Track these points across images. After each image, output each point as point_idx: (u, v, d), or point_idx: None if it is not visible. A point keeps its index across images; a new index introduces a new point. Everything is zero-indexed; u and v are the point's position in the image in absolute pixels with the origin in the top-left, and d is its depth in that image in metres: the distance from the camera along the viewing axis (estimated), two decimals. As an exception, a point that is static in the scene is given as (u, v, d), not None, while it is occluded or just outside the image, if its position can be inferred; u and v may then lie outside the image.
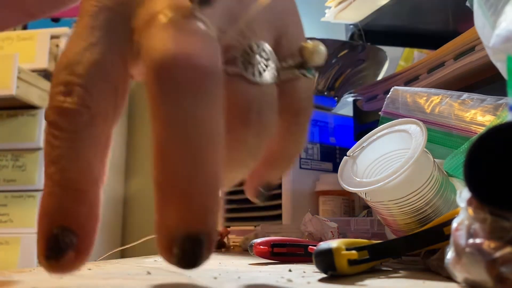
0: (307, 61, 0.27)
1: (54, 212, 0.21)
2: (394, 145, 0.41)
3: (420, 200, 0.38)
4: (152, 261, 0.45)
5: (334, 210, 0.69)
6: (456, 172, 0.38)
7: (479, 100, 0.44)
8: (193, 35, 0.21)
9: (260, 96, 0.24)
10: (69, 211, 0.21)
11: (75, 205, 0.21)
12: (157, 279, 0.28)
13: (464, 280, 0.24)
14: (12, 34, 1.31)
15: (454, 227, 0.25)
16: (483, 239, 0.22)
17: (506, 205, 0.21)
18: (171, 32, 0.21)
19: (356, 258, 0.30)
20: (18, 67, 1.15)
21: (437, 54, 0.57)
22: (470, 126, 0.43)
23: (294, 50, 0.27)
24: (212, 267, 0.38)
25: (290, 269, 0.34)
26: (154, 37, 0.21)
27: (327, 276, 0.30)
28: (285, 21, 0.27)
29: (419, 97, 0.49)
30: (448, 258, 0.25)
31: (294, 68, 0.27)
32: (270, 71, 0.25)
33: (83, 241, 0.21)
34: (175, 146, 0.20)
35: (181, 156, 0.20)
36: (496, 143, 0.22)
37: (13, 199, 1.20)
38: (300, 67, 0.27)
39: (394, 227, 0.41)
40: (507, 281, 0.21)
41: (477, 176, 0.22)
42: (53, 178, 0.21)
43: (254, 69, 0.24)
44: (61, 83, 0.22)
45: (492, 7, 0.28)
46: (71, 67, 0.22)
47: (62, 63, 0.22)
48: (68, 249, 0.20)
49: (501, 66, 0.29)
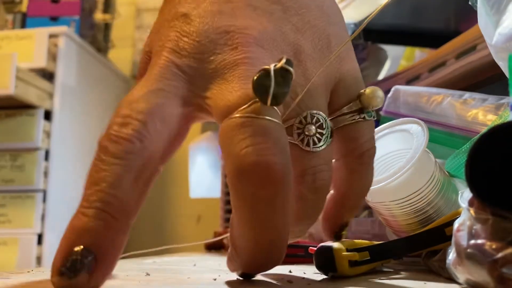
0: (366, 107, 0.29)
1: (81, 231, 0.21)
2: (395, 145, 0.41)
3: (422, 201, 0.37)
4: (151, 262, 0.45)
5: (335, 210, 0.68)
6: (457, 172, 0.38)
7: (481, 100, 0.44)
8: (268, 137, 0.23)
9: (314, 161, 0.27)
10: (95, 234, 0.21)
11: (103, 229, 0.22)
12: (156, 280, 0.28)
13: (465, 281, 0.24)
14: (10, 33, 1.31)
15: (456, 227, 0.25)
16: (484, 240, 0.22)
17: (508, 206, 0.21)
18: (248, 135, 0.23)
19: (357, 259, 0.30)
20: (16, 66, 1.14)
21: (439, 53, 0.56)
22: (471, 125, 0.43)
23: (352, 96, 0.29)
24: (212, 269, 0.37)
25: (290, 270, 0.34)
26: (232, 139, 0.23)
27: (328, 277, 0.30)
28: (342, 69, 0.29)
29: (421, 96, 0.49)
30: (450, 259, 0.25)
31: (354, 113, 0.29)
32: (324, 139, 0.27)
33: (101, 266, 0.21)
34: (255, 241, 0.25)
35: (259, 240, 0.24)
36: (498, 143, 0.22)
37: (11, 199, 1.20)
38: (360, 112, 0.29)
39: (395, 227, 0.40)
40: (509, 282, 0.21)
41: (479, 176, 0.22)
42: (90, 199, 0.22)
43: (309, 140, 0.27)
44: (120, 116, 0.24)
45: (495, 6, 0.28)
46: (133, 104, 0.24)
47: (126, 100, 0.25)
48: (83, 270, 0.21)
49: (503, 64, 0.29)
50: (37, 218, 1.19)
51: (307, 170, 0.27)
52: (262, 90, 0.23)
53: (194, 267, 0.40)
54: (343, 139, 0.29)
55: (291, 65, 0.24)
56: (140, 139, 0.23)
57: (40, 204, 1.21)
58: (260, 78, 0.23)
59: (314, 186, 0.27)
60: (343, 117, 0.29)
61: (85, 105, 1.44)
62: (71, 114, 1.35)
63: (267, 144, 0.23)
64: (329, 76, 0.28)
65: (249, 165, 0.23)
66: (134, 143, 0.23)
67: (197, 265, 0.42)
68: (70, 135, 1.35)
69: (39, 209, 1.20)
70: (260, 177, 0.23)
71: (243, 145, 0.23)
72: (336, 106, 0.29)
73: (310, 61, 0.28)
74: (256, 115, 0.24)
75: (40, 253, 1.19)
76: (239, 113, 0.24)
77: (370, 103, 0.29)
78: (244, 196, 0.23)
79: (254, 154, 0.23)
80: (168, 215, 1.57)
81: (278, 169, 0.23)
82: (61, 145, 1.30)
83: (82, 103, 1.41)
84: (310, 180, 0.27)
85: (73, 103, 1.37)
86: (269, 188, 0.23)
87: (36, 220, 1.19)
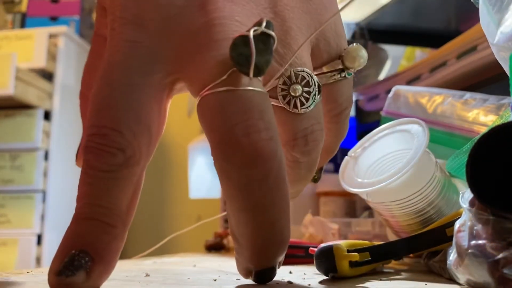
0: (349, 68, 0.27)
1: (76, 236, 0.22)
2: (395, 145, 0.41)
3: (422, 201, 0.37)
4: (151, 262, 0.45)
5: (335, 211, 0.69)
6: (458, 173, 0.38)
7: (482, 100, 0.44)
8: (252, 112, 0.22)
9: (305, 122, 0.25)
10: (91, 238, 0.21)
11: (98, 234, 0.22)
12: (156, 281, 0.28)
13: (466, 282, 0.24)
14: (10, 33, 1.31)
15: (457, 228, 0.24)
16: (485, 240, 0.22)
17: (509, 206, 0.21)
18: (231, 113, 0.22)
19: (358, 260, 0.30)
20: (16, 66, 1.14)
21: (439, 53, 0.56)
22: (472, 126, 0.43)
23: (333, 52, 0.27)
24: (212, 269, 0.37)
25: (291, 271, 0.34)
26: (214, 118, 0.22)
27: (328, 278, 0.30)
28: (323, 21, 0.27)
29: (421, 96, 0.49)
30: (451, 259, 0.25)
31: (335, 73, 0.27)
32: (312, 98, 0.25)
33: (98, 267, 0.21)
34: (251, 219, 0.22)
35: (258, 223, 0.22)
36: (498, 143, 0.22)
37: (11, 199, 1.20)
38: (341, 71, 0.27)
39: (396, 228, 0.40)
40: (510, 283, 0.21)
41: (480, 177, 0.22)
42: (81, 211, 0.22)
43: (296, 101, 0.25)
44: (95, 125, 0.22)
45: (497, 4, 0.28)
46: (104, 111, 0.22)
47: (95, 104, 0.23)
48: (80, 269, 0.21)
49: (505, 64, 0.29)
50: (37, 218, 1.19)
51: (298, 134, 0.25)
52: (242, 60, 0.21)
53: (194, 267, 0.40)
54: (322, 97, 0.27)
55: (271, 28, 0.22)
56: (121, 149, 0.22)
57: (39, 204, 1.21)
58: (238, 47, 0.21)
59: (307, 148, 0.26)
60: (323, 76, 0.27)
61: (85, 105, 1.43)
62: (70, 114, 1.35)
63: (253, 120, 0.21)
64: (310, 28, 0.26)
65: (236, 146, 0.21)
66: (116, 155, 0.22)
67: (197, 265, 0.41)
68: (70, 135, 1.35)
69: (39, 209, 1.20)
70: (248, 157, 0.21)
71: (226, 125, 0.21)
72: (317, 63, 0.27)
73: (288, 11, 0.25)
74: (236, 87, 0.22)
75: (40, 253, 1.19)
76: (217, 86, 0.22)
77: (353, 64, 0.27)
78: (234, 180, 0.22)
79: (240, 134, 0.21)
80: (168, 215, 1.57)
81: (267, 146, 0.21)
82: (60, 145, 1.29)
83: (82, 103, 1.41)
84: (302, 144, 0.25)
85: (73, 103, 1.37)
86: (260, 167, 0.21)
87: (35, 220, 1.19)
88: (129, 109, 0.22)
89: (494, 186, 0.22)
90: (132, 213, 0.24)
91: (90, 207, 0.22)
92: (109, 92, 0.23)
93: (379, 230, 0.52)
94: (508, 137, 0.21)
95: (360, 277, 0.31)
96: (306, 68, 0.25)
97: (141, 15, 0.23)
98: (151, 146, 0.24)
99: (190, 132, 1.35)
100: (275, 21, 0.25)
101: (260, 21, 0.22)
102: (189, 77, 0.23)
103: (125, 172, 0.22)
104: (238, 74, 0.22)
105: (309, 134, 0.25)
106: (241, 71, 0.22)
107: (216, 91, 0.22)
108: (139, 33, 0.23)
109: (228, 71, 0.22)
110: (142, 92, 0.23)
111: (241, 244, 0.24)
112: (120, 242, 0.22)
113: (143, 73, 0.23)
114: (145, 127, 0.23)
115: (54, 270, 0.21)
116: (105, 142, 0.22)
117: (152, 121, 0.23)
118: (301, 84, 0.25)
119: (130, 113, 0.22)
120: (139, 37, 0.23)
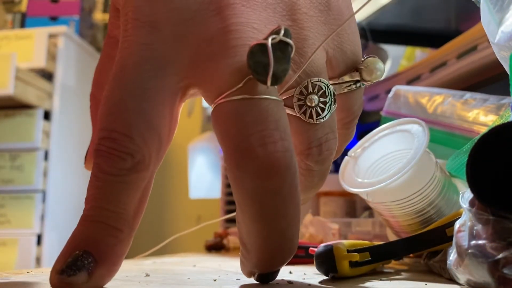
0: (366, 80, 0.27)
1: (81, 237, 0.22)
2: (396, 145, 0.41)
3: (422, 201, 0.37)
4: (151, 262, 0.45)
5: (335, 211, 0.69)
6: (458, 173, 0.38)
7: (482, 100, 0.44)
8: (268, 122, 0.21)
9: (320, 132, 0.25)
10: (95, 240, 0.22)
11: (103, 236, 0.22)
12: (156, 281, 0.28)
13: (466, 282, 0.24)
14: (10, 33, 1.31)
15: (457, 228, 0.24)
16: (485, 240, 0.22)
17: (509, 206, 0.21)
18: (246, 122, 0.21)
19: (358, 260, 0.30)
20: (15, 66, 1.14)
21: (439, 53, 0.56)
22: (472, 126, 0.43)
23: (351, 65, 0.27)
24: (212, 269, 0.37)
25: (291, 271, 0.34)
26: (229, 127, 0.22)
27: (328, 278, 0.30)
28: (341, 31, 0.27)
29: (421, 96, 0.49)
30: (451, 259, 0.25)
31: (351, 83, 0.27)
32: (328, 108, 0.25)
33: (100, 268, 0.21)
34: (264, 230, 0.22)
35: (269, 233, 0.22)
36: (498, 143, 0.22)
37: (11, 199, 1.20)
38: (357, 82, 0.27)
39: (396, 228, 0.40)
40: (510, 283, 0.21)
41: (480, 177, 0.22)
42: (88, 213, 0.22)
43: (312, 111, 0.25)
44: (105, 129, 0.22)
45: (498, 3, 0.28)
46: (115, 114, 0.22)
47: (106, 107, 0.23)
48: (82, 269, 0.21)
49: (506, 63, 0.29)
50: (37, 218, 1.19)
51: (313, 143, 0.25)
52: (260, 68, 0.21)
53: (194, 267, 0.40)
54: None
55: (290, 37, 0.21)
56: (130, 154, 0.22)
57: (39, 204, 1.21)
58: (255, 54, 0.21)
59: (321, 158, 0.26)
60: (338, 85, 0.27)
61: (85, 105, 1.43)
62: (70, 114, 1.35)
63: (268, 130, 0.21)
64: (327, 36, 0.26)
65: (251, 156, 0.21)
66: (125, 159, 0.22)
67: (197, 265, 0.41)
68: (70, 135, 1.35)
69: (39, 210, 1.20)
70: (263, 168, 0.21)
71: (242, 134, 0.21)
72: (334, 73, 0.27)
73: (307, 20, 0.25)
74: (252, 96, 0.21)
75: (40, 253, 1.19)
76: (233, 94, 0.22)
77: (371, 77, 0.27)
78: (247, 190, 0.22)
79: (255, 144, 0.21)
80: (168, 215, 1.57)
81: (282, 158, 0.21)
82: (60, 145, 1.30)
83: (81, 103, 1.41)
84: (316, 153, 0.25)
85: (73, 103, 1.37)
86: (275, 179, 0.21)
87: (35, 221, 1.19)
88: (140, 113, 0.22)
89: (494, 186, 0.22)
90: (139, 217, 0.24)
91: (98, 210, 0.22)
92: (120, 96, 0.22)
93: (379, 230, 0.52)
94: (508, 137, 0.21)
95: (360, 277, 0.31)
96: (323, 78, 0.25)
97: (155, 18, 0.23)
98: (161, 152, 0.24)
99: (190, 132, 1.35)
100: (292, 28, 0.24)
101: (278, 28, 0.22)
102: (203, 84, 0.23)
103: (133, 177, 0.22)
104: (255, 82, 0.22)
105: (324, 144, 0.25)
106: (258, 80, 0.21)
107: (232, 99, 0.22)
108: (153, 36, 0.22)
109: (244, 79, 0.22)
110: (154, 96, 0.22)
111: (249, 250, 0.24)
112: (125, 246, 0.22)
113: (156, 77, 0.23)
114: (156, 133, 0.23)
115: (57, 269, 0.21)
116: (115, 146, 0.22)
117: (163, 126, 0.23)
118: (318, 95, 0.25)
119: (141, 118, 0.22)
120: (152, 40, 0.22)
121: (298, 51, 0.24)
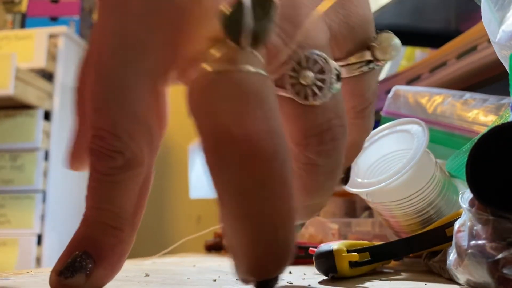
0: (380, 59, 0.23)
1: (81, 238, 0.22)
2: (395, 145, 0.41)
3: (422, 201, 0.37)
4: (151, 262, 0.45)
5: (335, 211, 0.69)
6: (458, 173, 0.38)
7: (482, 100, 0.44)
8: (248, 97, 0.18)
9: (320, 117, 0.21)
10: (94, 240, 0.21)
11: (102, 237, 0.21)
12: (155, 281, 0.28)
13: (466, 282, 0.24)
14: (10, 33, 1.31)
15: (456, 228, 0.24)
16: (485, 240, 0.22)
17: (509, 206, 0.21)
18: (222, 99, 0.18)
19: (357, 260, 0.30)
20: (16, 66, 1.14)
21: (439, 53, 0.56)
22: (472, 126, 0.43)
23: (360, 43, 0.23)
24: (212, 269, 0.37)
25: (291, 271, 0.34)
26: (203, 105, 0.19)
27: (328, 278, 0.30)
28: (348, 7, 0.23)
29: (421, 96, 0.49)
30: (450, 259, 0.25)
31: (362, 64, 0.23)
32: (328, 86, 0.21)
33: (99, 270, 0.21)
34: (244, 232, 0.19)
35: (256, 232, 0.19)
36: (498, 143, 0.22)
37: (11, 200, 1.20)
38: (369, 62, 0.23)
39: (396, 228, 0.40)
40: (510, 283, 0.21)
41: (480, 177, 0.22)
42: (88, 214, 0.22)
43: (307, 90, 0.21)
44: (94, 127, 0.21)
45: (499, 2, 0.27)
46: (100, 111, 0.21)
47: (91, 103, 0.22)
48: (81, 271, 0.21)
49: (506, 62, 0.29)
50: (37, 218, 1.19)
51: (310, 130, 0.21)
52: (236, 27, 0.18)
53: (194, 268, 0.40)
54: (345, 92, 0.23)
55: None
56: (120, 152, 0.21)
57: (39, 204, 1.20)
58: (231, 15, 0.18)
59: (324, 148, 0.21)
60: (348, 67, 0.23)
61: (85, 105, 1.44)
62: (70, 114, 1.35)
63: (248, 107, 0.18)
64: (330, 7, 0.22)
65: (227, 139, 0.18)
66: (115, 158, 0.21)
67: (197, 266, 0.41)
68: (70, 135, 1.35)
69: (39, 210, 1.20)
70: (243, 155, 0.18)
71: (217, 114, 0.18)
72: (341, 53, 0.23)
73: None
74: (230, 66, 0.18)
75: (40, 253, 1.19)
76: (208, 65, 0.18)
77: (385, 56, 0.23)
78: (227, 182, 0.18)
79: (232, 124, 0.18)
80: (168, 215, 1.57)
81: (265, 140, 0.18)
82: (60, 146, 1.29)
83: (82, 103, 1.41)
84: (315, 142, 0.21)
85: (73, 103, 1.37)
86: (258, 167, 0.18)
87: (35, 221, 1.19)
88: (123, 107, 0.21)
89: (494, 186, 0.22)
90: (140, 213, 0.23)
91: (96, 211, 0.22)
92: (101, 89, 0.21)
93: (379, 230, 0.52)
94: (508, 137, 0.21)
95: (360, 277, 0.31)
96: (319, 51, 0.21)
97: None
98: (154, 142, 0.22)
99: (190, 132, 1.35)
100: None
101: None
102: (180, 62, 0.21)
103: (127, 175, 0.22)
104: (233, 52, 0.18)
105: (326, 131, 0.21)
106: (234, 41, 0.18)
107: (205, 74, 0.19)
108: (123, 17, 0.20)
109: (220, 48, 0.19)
110: (134, 85, 0.21)
111: (238, 256, 0.20)
112: (127, 245, 0.22)
113: (133, 65, 0.20)
114: (143, 124, 0.21)
115: (56, 269, 0.21)
116: (103, 145, 0.21)
117: (150, 115, 0.21)
118: (314, 70, 0.21)
119: (124, 112, 0.21)
120: (122, 22, 0.20)
121: (290, 20, 0.20)
